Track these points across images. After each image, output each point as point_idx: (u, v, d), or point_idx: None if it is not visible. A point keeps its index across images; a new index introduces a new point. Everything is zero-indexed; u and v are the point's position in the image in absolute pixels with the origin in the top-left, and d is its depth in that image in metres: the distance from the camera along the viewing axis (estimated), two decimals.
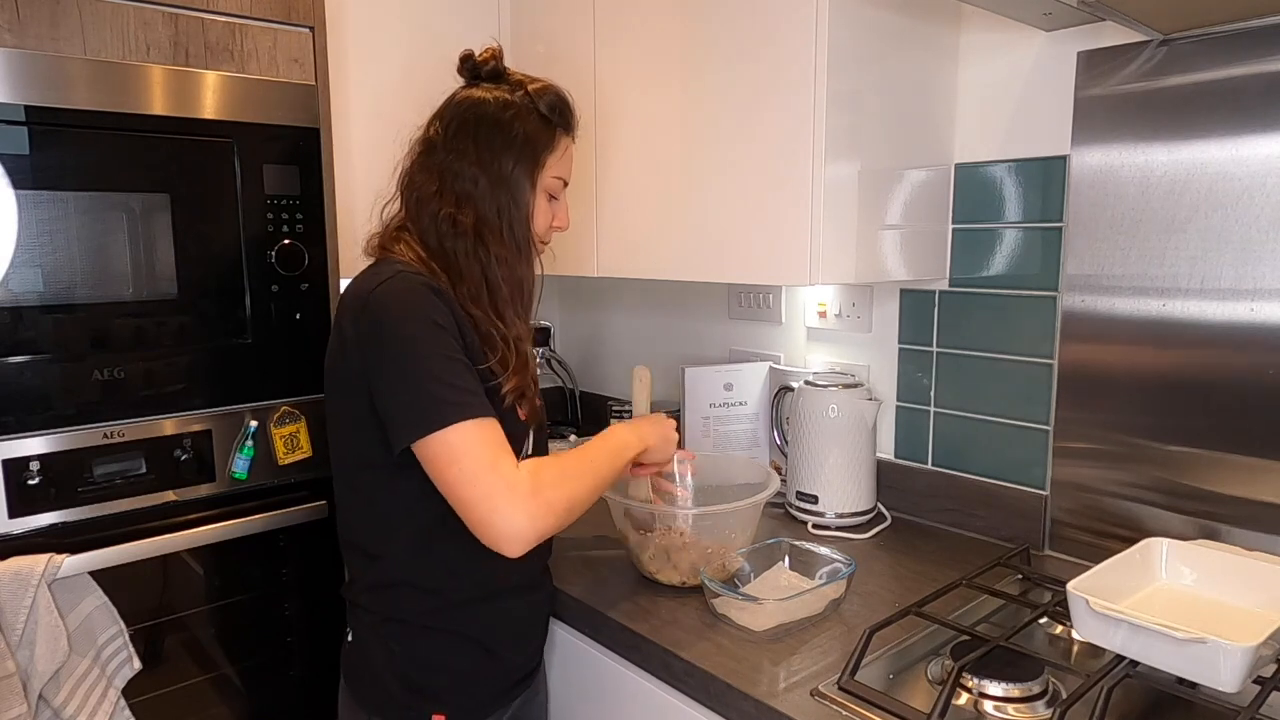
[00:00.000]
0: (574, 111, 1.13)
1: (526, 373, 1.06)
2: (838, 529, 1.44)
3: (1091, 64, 1.22)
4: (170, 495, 1.30)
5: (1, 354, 1.15)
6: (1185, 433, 1.17)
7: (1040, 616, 1.06)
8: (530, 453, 1.12)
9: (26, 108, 1.14)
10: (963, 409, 1.44)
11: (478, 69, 1.11)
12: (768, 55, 1.22)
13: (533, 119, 1.08)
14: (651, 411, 1.30)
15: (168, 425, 1.29)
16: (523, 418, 1.06)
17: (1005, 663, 0.94)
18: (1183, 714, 0.94)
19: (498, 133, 1.06)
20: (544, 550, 1.18)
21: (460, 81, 1.12)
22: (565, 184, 1.14)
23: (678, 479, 1.29)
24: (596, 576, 1.26)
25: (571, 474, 1.01)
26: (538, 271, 1.15)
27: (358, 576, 1.08)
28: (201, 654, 1.35)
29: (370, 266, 1.05)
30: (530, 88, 1.10)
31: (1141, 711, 0.94)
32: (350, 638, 1.09)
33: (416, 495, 1.00)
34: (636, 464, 1.18)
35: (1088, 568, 0.97)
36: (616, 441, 1.11)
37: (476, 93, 1.09)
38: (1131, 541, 1.06)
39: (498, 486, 0.92)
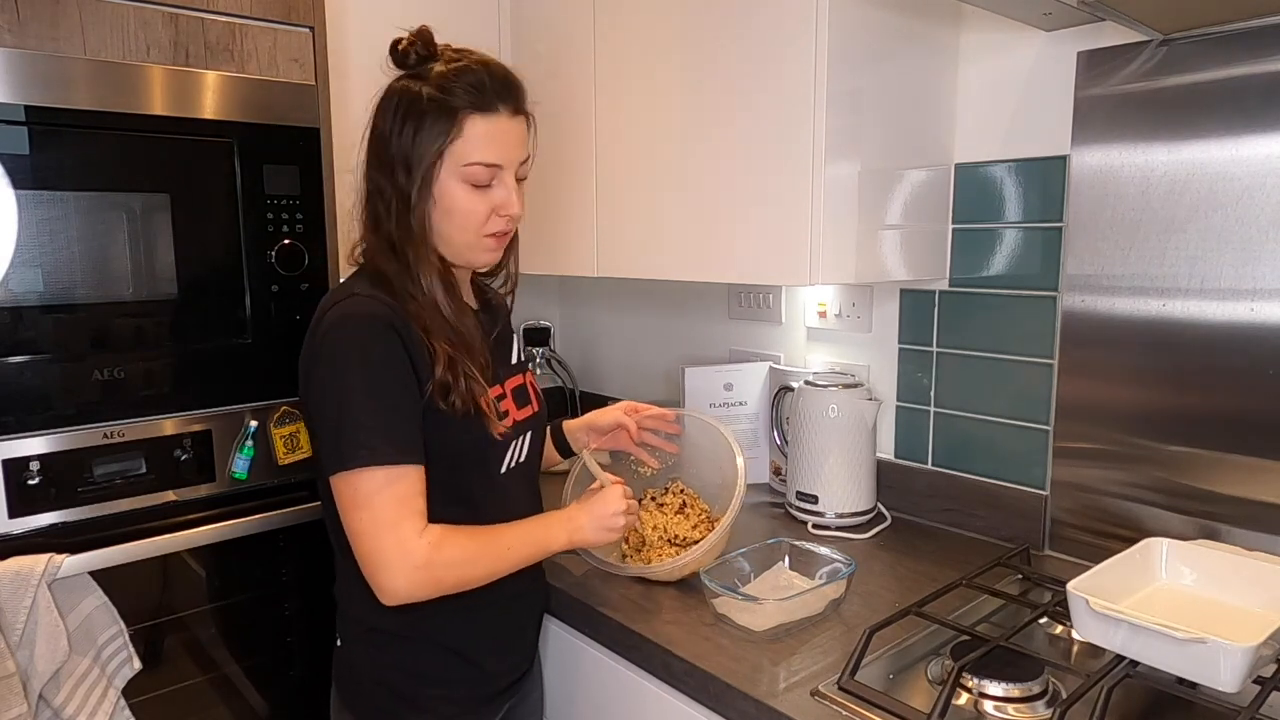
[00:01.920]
0: (494, 85, 1.00)
1: (468, 387, 0.99)
2: (838, 529, 1.44)
3: (1091, 64, 1.22)
4: (170, 495, 1.30)
5: (1, 354, 1.15)
6: (1185, 433, 1.17)
7: (1040, 616, 1.06)
8: (523, 459, 1.12)
9: (26, 108, 1.13)
10: (963, 409, 1.44)
11: (404, 60, 1.02)
12: (768, 55, 1.22)
13: (432, 106, 0.98)
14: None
15: (168, 425, 1.29)
16: (496, 435, 1.03)
17: (1005, 663, 0.94)
18: (1183, 714, 0.94)
19: (395, 128, 0.99)
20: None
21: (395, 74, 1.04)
22: (499, 167, 1.01)
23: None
24: (595, 576, 1.26)
25: (477, 559, 0.99)
26: (526, 268, 1.10)
27: (341, 583, 1.09)
28: (201, 654, 1.34)
29: (348, 278, 1.05)
30: (437, 69, 0.99)
31: (1141, 711, 0.94)
32: (339, 643, 1.10)
33: None
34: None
35: (1088, 568, 0.97)
36: (545, 539, 1.06)
37: (390, 86, 1.02)
38: (1131, 541, 1.06)
39: (391, 549, 0.93)
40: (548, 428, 1.32)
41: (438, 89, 0.98)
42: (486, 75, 1.00)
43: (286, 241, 1.37)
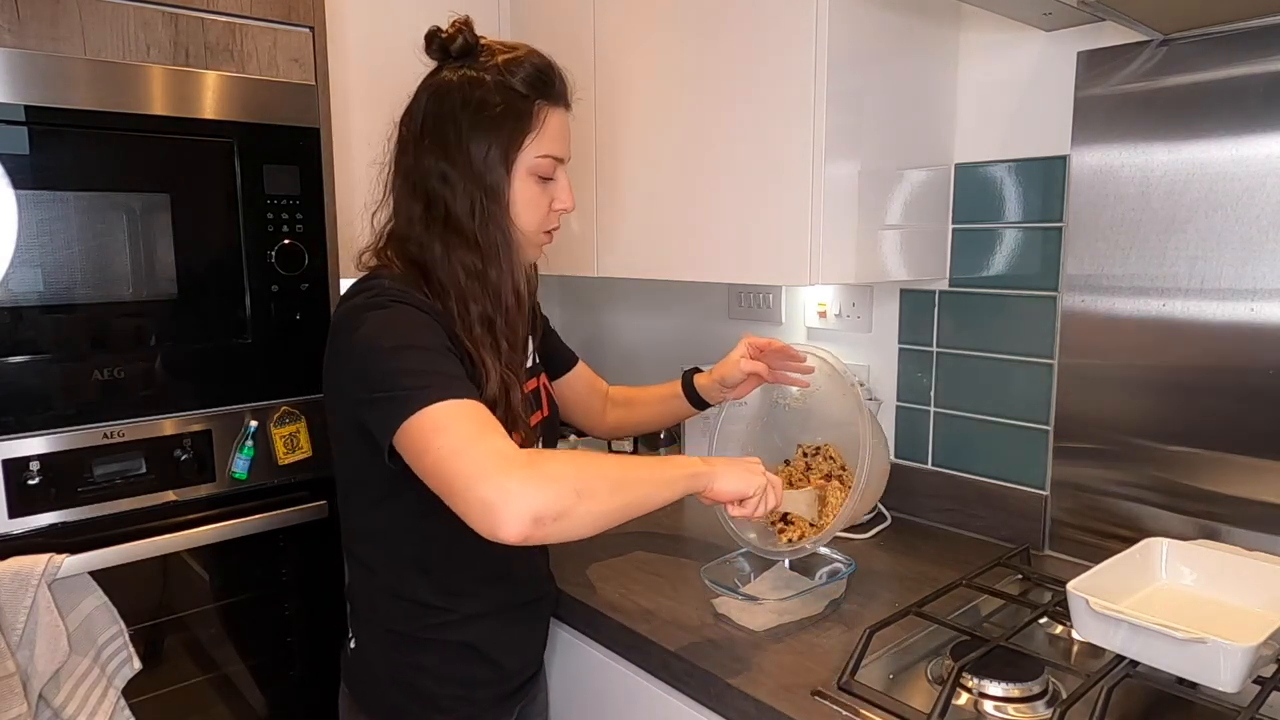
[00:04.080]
0: (558, 78, 1.01)
1: (507, 402, 0.96)
2: None
3: (1091, 64, 1.22)
4: (170, 495, 1.29)
5: (1, 354, 1.15)
6: (1185, 433, 1.17)
7: (1040, 616, 1.06)
8: None
9: (26, 108, 1.13)
10: (963, 409, 1.44)
11: (446, 48, 0.99)
12: (768, 55, 1.22)
13: (504, 96, 0.96)
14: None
15: (168, 425, 1.29)
16: (517, 441, 0.98)
17: (1005, 663, 0.94)
18: (1183, 714, 0.94)
19: (464, 117, 0.96)
20: (545, 566, 1.17)
21: (430, 65, 1.02)
22: (561, 161, 1.02)
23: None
24: (597, 576, 1.26)
25: (594, 463, 0.87)
26: (539, 269, 1.12)
27: (357, 584, 1.08)
28: (201, 654, 1.34)
29: (355, 283, 1.00)
30: (501, 59, 0.98)
31: (1141, 711, 0.94)
32: (352, 644, 1.09)
33: (414, 518, 0.98)
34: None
35: (1088, 568, 0.97)
36: (677, 462, 0.92)
37: (443, 75, 0.99)
38: (1131, 541, 1.06)
39: (483, 455, 0.80)
40: (668, 391, 1.32)
41: (509, 78, 0.97)
42: (550, 66, 1.00)
43: (286, 241, 1.37)
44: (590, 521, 0.83)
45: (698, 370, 1.31)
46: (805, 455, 1.32)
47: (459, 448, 0.81)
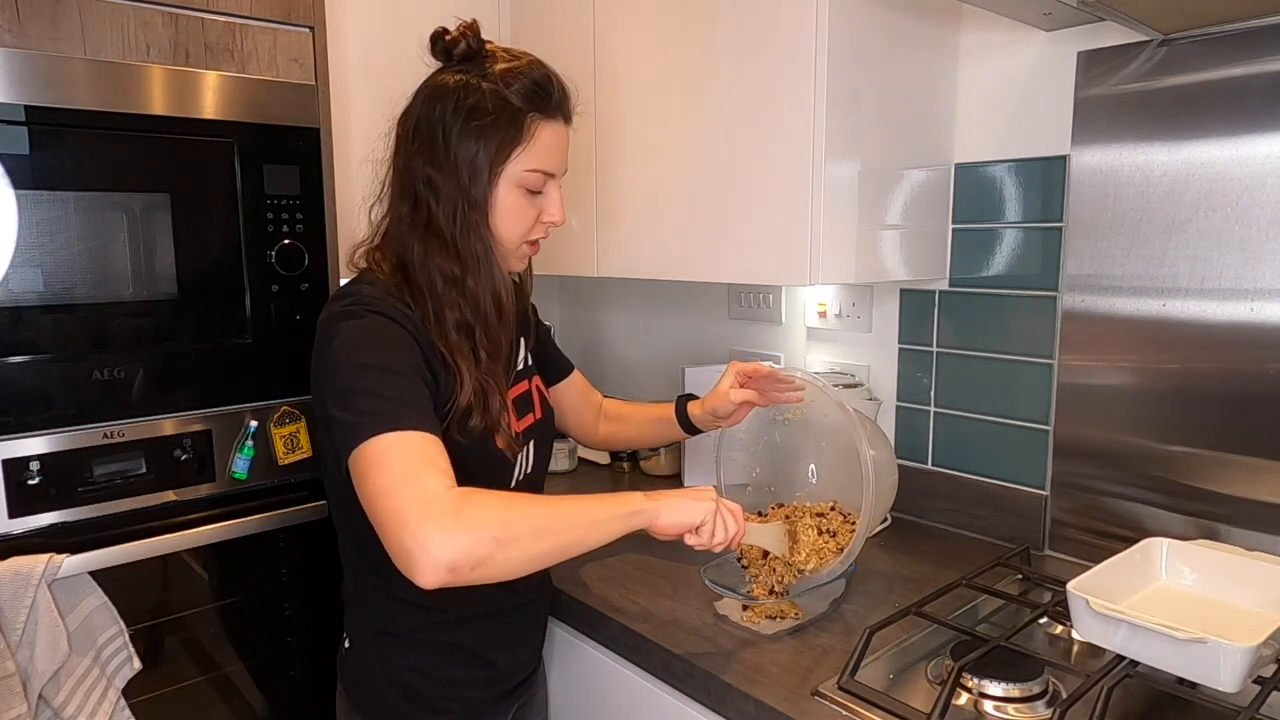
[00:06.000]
0: (558, 90, 1.00)
1: (485, 408, 0.96)
2: None
3: (1091, 64, 1.22)
4: (170, 495, 1.30)
5: (1, 354, 1.15)
6: (1185, 433, 1.17)
7: (1040, 616, 1.06)
8: (530, 470, 1.10)
9: (26, 108, 1.13)
10: (963, 409, 1.44)
11: (449, 51, 0.99)
12: (768, 55, 1.22)
13: (497, 105, 0.95)
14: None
15: (168, 425, 1.29)
16: (500, 446, 0.99)
17: (1005, 663, 0.94)
18: (1183, 714, 0.94)
19: (455, 123, 0.95)
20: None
21: (434, 65, 1.02)
22: (551, 176, 1.01)
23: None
24: (597, 577, 1.26)
25: (520, 509, 0.84)
26: (535, 270, 1.11)
27: (351, 584, 1.08)
28: (201, 654, 1.34)
29: (345, 284, 1.00)
30: (500, 68, 0.97)
31: (1141, 711, 0.94)
32: (347, 644, 1.09)
33: None
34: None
35: (1088, 568, 0.97)
36: (615, 500, 0.90)
37: (441, 78, 0.99)
38: (1131, 541, 1.06)
39: (409, 499, 0.79)
40: (660, 413, 1.30)
41: (504, 88, 0.96)
42: (548, 79, 0.99)
43: (286, 241, 1.37)
44: (512, 568, 0.82)
45: (692, 397, 1.30)
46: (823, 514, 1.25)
47: (389, 487, 0.81)
